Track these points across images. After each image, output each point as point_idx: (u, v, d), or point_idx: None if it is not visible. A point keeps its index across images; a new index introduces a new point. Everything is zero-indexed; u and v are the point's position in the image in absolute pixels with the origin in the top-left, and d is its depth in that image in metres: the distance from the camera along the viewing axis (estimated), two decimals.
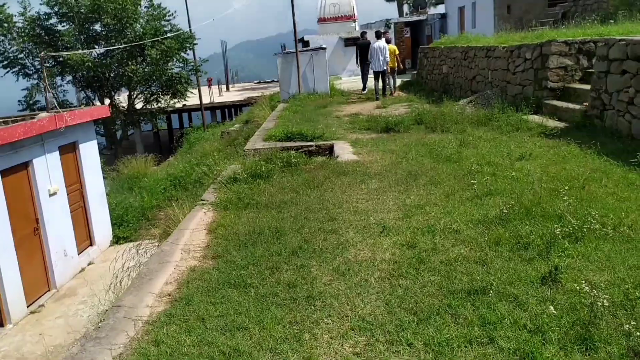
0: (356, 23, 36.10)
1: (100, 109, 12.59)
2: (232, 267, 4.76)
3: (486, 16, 23.20)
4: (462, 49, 15.20)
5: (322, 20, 36.26)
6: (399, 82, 21.90)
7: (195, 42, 25.44)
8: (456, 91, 15.46)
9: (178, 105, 32.17)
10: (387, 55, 17.89)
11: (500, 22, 22.42)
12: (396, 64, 19.26)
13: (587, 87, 9.40)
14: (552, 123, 9.20)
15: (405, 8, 45.44)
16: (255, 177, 7.54)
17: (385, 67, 17.84)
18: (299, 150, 10.52)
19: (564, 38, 10.35)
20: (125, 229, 12.77)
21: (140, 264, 6.64)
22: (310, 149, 10.56)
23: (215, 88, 41.22)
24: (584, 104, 8.95)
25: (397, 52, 20.26)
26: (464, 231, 5.04)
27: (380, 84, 18.23)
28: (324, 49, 19.13)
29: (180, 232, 5.93)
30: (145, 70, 22.67)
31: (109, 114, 12.74)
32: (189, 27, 26.47)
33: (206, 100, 36.83)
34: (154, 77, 22.93)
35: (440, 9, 30.20)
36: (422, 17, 29.70)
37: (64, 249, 10.78)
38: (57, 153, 10.80)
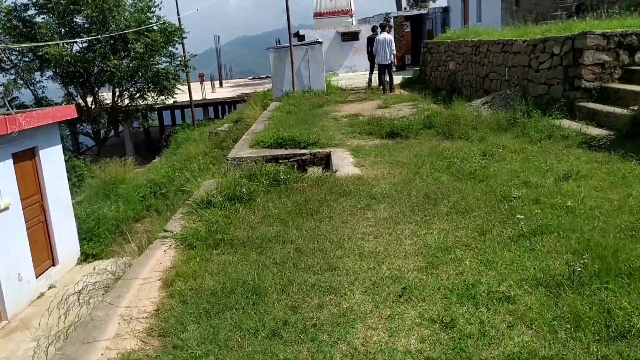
0: (353, 18, 34.52)
1: (65, 110, 10.95)
2: (182, 358, 3.19)
3: (493, 9, 21.62)
4: (472, 44, 13.64)
5: (318, 14, 34.68)
6: (400, 79, 20.33)
7: (184, 35, 23.78)
8: (466, 90, 13.91)
9: (168, 101, 30.57)
10: (394, 47, 16.95)
11: (507, 16, 20.85)
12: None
13: (632, 87, 7.86)
14: (592, 131, 7.65)
15: (404, 2, 43.81)
16: (234, 201, 5.95)
17: (391, 60, 16.92)
18: (291, 160, 8.96)
19: (599, 30, 8.80)
20: (95, 244, 11.18)
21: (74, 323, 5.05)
22: (303, 158, 9.00)
23: (208, 84, 39.57)
24: (632, 107, 7.40)
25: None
26: (520, 299, 3.48)
27: (387, 78, 17.18)
28: (320, 43, 17.54)
29: (126, 285, 4.36)
30: (130, 65, 20.98)
31: (76, 115, 11.11)
32: (178, 20, 24.83)
33: (198, 96, 35.24)
34: (139, 73, 21.23)
35: (442, 2, 28.62)
36: (422, 11, 28.10)
37: (17, 273, 9.19)
38: (9, 161, 9.20)
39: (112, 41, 20.81)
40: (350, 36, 28.58)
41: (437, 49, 17.11)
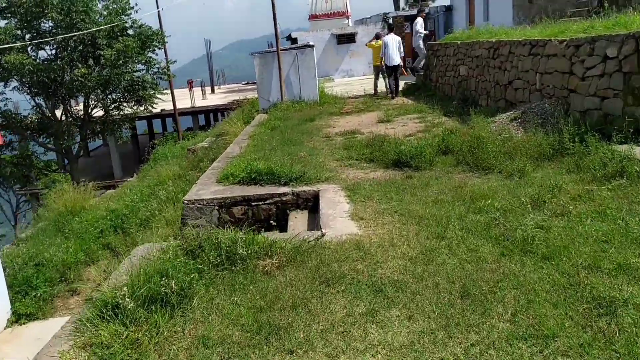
0: (349, 19, 32.38)
1: None
2: None
3: (502, 7, 19.36)
4: (488, 45, 11.38)
5: (313, 17, 32.58)
6: (401, 84, 18.07)
7: (165, 40, 21.47)
8: (482, 99, 11.65)
9: (155, 110, 28.32)
10: (402, 48, 15.64)
11: (520, 14, 18.60)
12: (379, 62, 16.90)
13: None
14: None
15: (402, 2, 41.58)
16: (156, 305, 3.66)
17: (400, 62, 15.65)
18: (267, 202, 6.70)
19: None
20: (31, 300, 8.90)
21: None
22: (284, 199, 6.74)
23: (198, 90, 37.33)
24: None
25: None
26: None
27: (392, 81, 15.75)
28: (312, 46, 15.28)
29: None
30: (102, 73, 18.63)
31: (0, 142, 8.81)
32: (160, 23, 22.54)
33: (187, 104, 33.06)
34: (112, 82, 18.91)
35: (444, 1, 26.36)
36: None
37: None
38: None
39: (80, 48, 18.52)
40: (346, 38, 26.34)
41: (444, 52, 14.85)
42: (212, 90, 40.89)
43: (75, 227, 11.33)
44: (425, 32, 17.09)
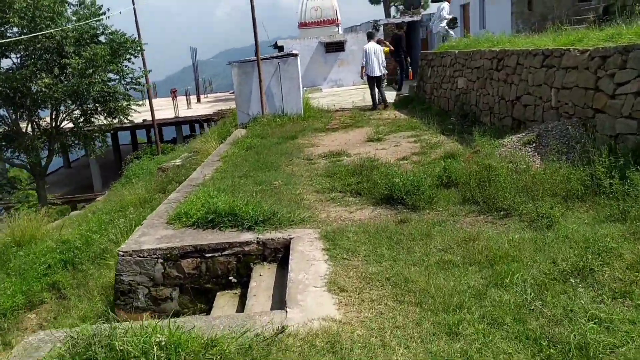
0: (339, 27, 31.11)
1: None
2: None
3: (500, 14, 18.09)
4: (491, 55, 10.02)
5: (303, 25, 31.28)
6: (393, 95, 16.72)
7: (141, 48, 19.92)
8: (484, 116, 10.28)
9: (137, 120, 26.78)
10: (383, 57, 14.91)
11: (519, 21, 17.34)
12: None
13: None
14: None
15: (393, 10, 40.42)
16: None
17: (382, 72, 14.90)
18: (226, 254, 5.25)
19: None
20: None
21: None
22: (246, 249, 5.29)
23: (183, 100, 35.88)
24: None
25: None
26: None
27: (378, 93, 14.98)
28: (295, 55, 13.85)
29: None
30: (69, 84, 17.02)
31: None
32: (137, 29, 21.02)
33: (170, 114, 31.60)
34: (81, 93, 17.28)
35: (436, 8, 25.01)
36: (415, 18, 24.57)
37: None
38: None
39: (47, 56, 16.96)
40: (334, 47, 24.99)
41: (439, 62, 13.49)
42: (198, 100, 39.39)
43: (19, 262, 9.80)
44: (449, 16, 15.96)
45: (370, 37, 15.52)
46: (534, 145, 6.98)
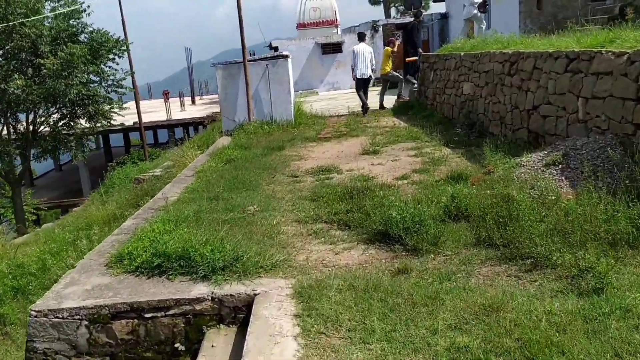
0: (338, 29, 29.96)
1: None
2: None
3: (507, 13, 16.89)
4: (503, 58, 8.79)
5: (301, 25, 30.14)
6: (391, 100, 15.49)
7: (125, 47, 18.65)
8: (493, 126, 9.04)
9: (128, 123, 25.60)
10: (373, 59, 14.22)
11: (527, 21, 16.13)
12: (389, 69, 15.11)
13: None
14: None
15: (393, 12, 39.22)
16: None
17: (372, 74, 14.27)
18: (171, 314, 4.02)
19: None
20: None
21: None
22: (197, 308, 4.05)
23: (176, 102, 34.70)
24: None
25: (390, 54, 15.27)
26: None
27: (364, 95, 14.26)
28: (285, 56, 12.61)
29: None
30: (44, 86, 15.73)
31: None
32: (123, 27, 19.80)
33: (162, 116, 30.45)
34: (57, 96, 16.02)
35: (439, 7, 23.83)
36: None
37: None
38: None
39: (22, 56, 15.69)
40: (331, 48, 23.79)
41: (443, 65, 12.26)
42: (193, 101, 38.16)
43: None
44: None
45: (361, 38, 14.56)
46: (560, 167, 5.74)
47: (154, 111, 34.00)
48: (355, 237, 5.09)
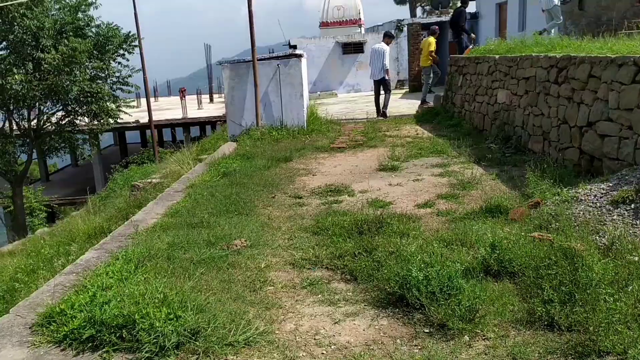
0: (362, 28, 28.74)
1: None
2: None
3: (544, 15, 15.39)
4: (548, 62, 7.44)
5: (324, 24, 29.07)
6: (414, 105, 14.19)
7: (140, 44, 17.65)
8: (534, 142, 7.69)
9: (144, 120, 24.76)
10: (387, 60, 13.36)
11: (567, 23, 14.64)
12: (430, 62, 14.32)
13: None
14: None
15: (419, 11, 37.75)
16: None
17: (383, 75, 13.39)
18: None
19: None
20: None
21: None
22: None
23: (194, 99, 33.83)
24: None
25: (434, 47, 14.32)
26: None
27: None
28: (299, 56, 11.38)
29: None
30: (44, 82, 14.74)
31: None
32: (136, 20, 18.80)
33: (179, 114, 29.54)
34: (58, 92, 15.00)
35: (468, 7, 22.28)
36: (444, 18, 21.92)
37: None
38: None
39: (21, 49, 14.74)
40: (353, 48, 22.53)
41: (473, 69, 10.91)
42: (211, 99, 37.21)
43: None
44: None
45: (385, 36, 13.47)
46: (632, 206, 4.41)
47: (171, 108, 33.11)
48: (363, 296, 3.84)
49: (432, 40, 14.14)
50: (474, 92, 10.63)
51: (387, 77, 13.37)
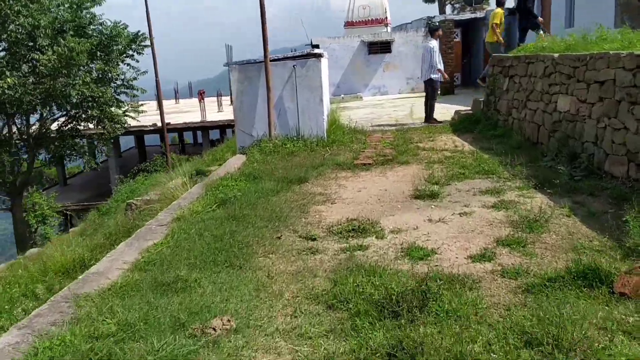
0: (388, 27, 27.09)
1: None
2: None
3: (596, 7, 13.57)
4: (634, 62, 5.72)
5: (349, 24, 27.55)
6: (448, 110, 12.48)
7: (152, 43, 16.30)
8: (613, 165, 5.98)
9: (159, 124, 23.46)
10: (438, 57, 11.75)
11: (624, 16, 12.75)
12: (496, 38, 12.03)
13: None
14: None
15: (448, 9, 35.85)
16: None
17: (432, 76, 11.70)
18: None
19: None
20: None
21: None
22: None
23: (214, 102, 32.62)
24: None
25: (498, 20, 12.17)
26: None
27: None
28: (318, 56, 9.79)
29: None
30: (43, 85, 13.43)
31: None
32: (148, 20, 17.47)
33: (198, 117, 28.33)
34: (56, 97, 13.70)
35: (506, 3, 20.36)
36: (478, 15, 20.08)
37: None
38: None
39: (16, 50, 13.48)
40: (379, 47, 20.86)
41: (523, 70, 9.16)
42: (232, 101, 35.88)
43: None
44: None
45: (431, 32, 12.14)
46: None
47: (191, 111, 31.91)
48: None
49: (499, 11, 12.07)
50: (525, 97, 8.89)
51: (435, 77, 11.66)
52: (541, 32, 11.57)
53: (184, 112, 32.66)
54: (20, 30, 13.35)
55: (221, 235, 5.10)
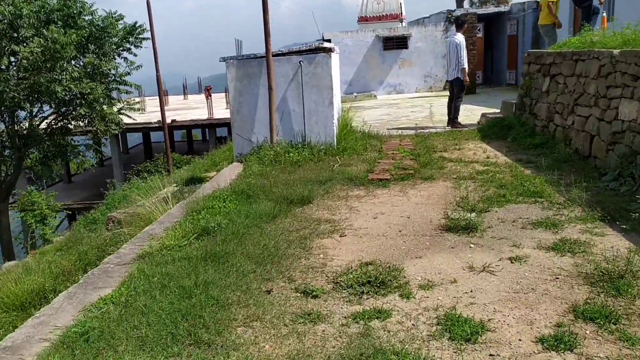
0: (403, 23, 25.62)
1: None
2: None
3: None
4: None
5: (363, 19, 26.11)
6: (475, 113, 11.05)
7: (152, 36, 14.98)
8: None
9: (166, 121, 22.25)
10: (463, 53, 10.31)
11: None
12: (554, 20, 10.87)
13: None
14: None
15: (466, 4, 34.07)
16: None
17: (458, 75, 10.36)
18: None
19: None
20: None
21: None
22: None
23: (222, 98, 31.39)
24: None
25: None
26: None
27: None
28: (328, 50, 8.40)
29: None
30: (28, 80, 12.15)
31: None
32: (149, 11, 16.16)
33: (204, 114, 27.12)
34: (40, 93, 12.39)
35: None
36: (502, 8, 18.53)
37: None
38: None
39: None
40: (395, 43, 19.39)
41: (570, 69, 7.68)
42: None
43: None
44: None
45: (457, 25, 10.74)
46: None
47: (199, 107, 30.72)
48: None
49: None
50: (572, 101, 7.43)
51: (460, 77, 10.31)
52: (602, 14, 10.07)
53: (192, 108, 31.51)
54: (0, 20, 12.11)
55: (191, 289, 3.75)
